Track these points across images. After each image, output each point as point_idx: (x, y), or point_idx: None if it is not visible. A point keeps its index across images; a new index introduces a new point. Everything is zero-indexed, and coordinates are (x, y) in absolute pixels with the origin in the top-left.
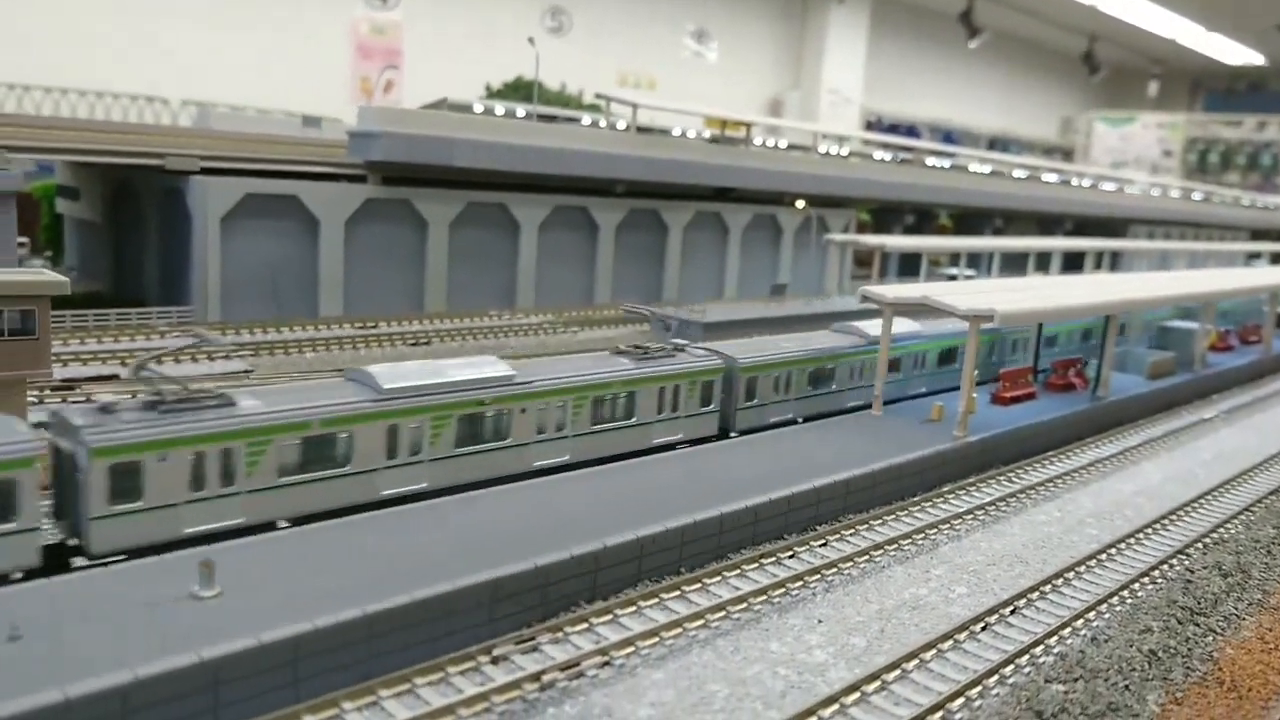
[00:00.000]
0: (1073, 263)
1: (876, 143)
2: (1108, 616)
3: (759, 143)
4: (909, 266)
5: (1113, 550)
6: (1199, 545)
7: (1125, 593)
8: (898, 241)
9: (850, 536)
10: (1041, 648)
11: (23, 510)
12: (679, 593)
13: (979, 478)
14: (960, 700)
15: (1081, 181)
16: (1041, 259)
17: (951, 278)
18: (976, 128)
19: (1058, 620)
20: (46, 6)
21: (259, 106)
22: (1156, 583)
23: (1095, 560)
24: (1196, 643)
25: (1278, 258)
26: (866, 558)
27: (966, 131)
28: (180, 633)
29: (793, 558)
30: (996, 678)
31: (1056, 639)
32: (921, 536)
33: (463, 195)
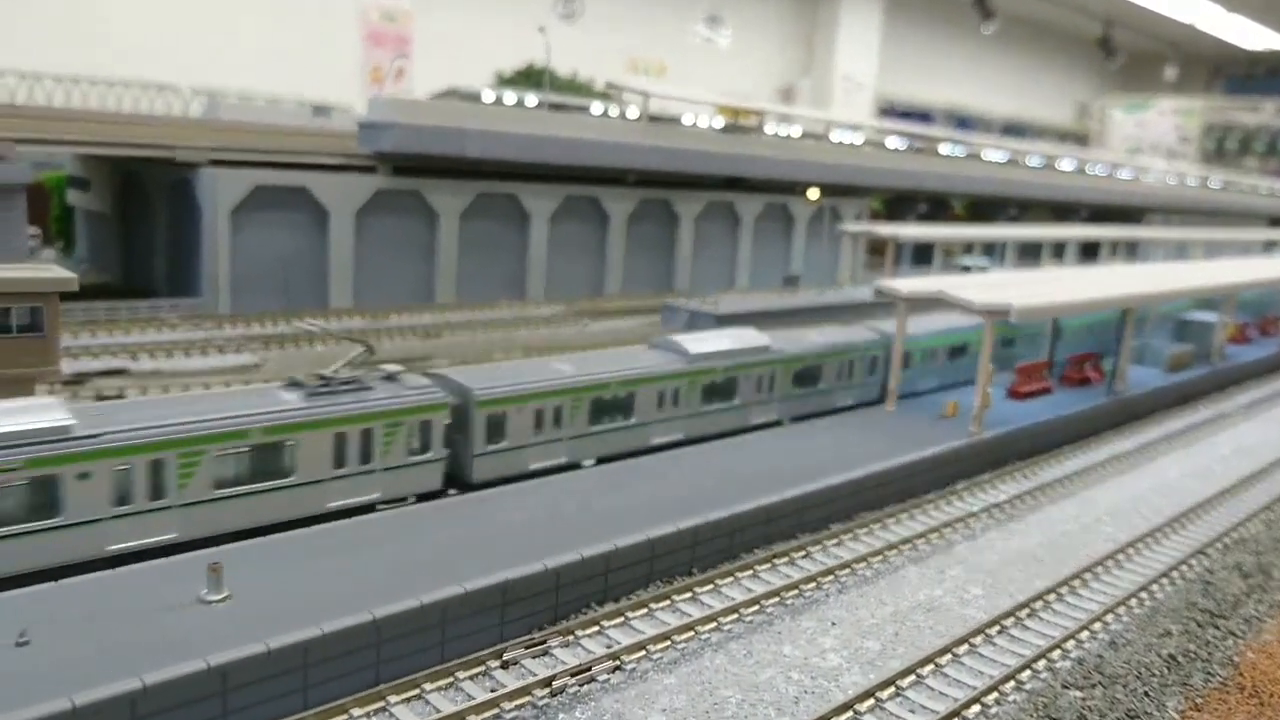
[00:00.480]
0: (1089, 251)
1: (890, 130)
2: (1126, 619)
3: (771, 131)
4: (922, 256)
5: (1130, 550)
6: (1218, 545)
7: (1143, 594)
8: (911, 231)
9: (864, 535)
10: (1059, 652)
11: (435, 444)
12: (691, 594)
13: (994, 474)
14: (976, 708)
15: (1097, 169)
16: (1057, 248)
17: (966, 269)
18: (991, 113)
19: (1075, 624)
20: None
21: (269, 95)
22: (1175, 584)
23: (1113, 560)
24: (1216, 646)
25: None
26: (881, 558)
27: (981, 117)
28: (187, 638)
29: (806, 558)
30: (1013, 684)
31: (1074, 643)
32: (936, 535)
33: (473, 186)
